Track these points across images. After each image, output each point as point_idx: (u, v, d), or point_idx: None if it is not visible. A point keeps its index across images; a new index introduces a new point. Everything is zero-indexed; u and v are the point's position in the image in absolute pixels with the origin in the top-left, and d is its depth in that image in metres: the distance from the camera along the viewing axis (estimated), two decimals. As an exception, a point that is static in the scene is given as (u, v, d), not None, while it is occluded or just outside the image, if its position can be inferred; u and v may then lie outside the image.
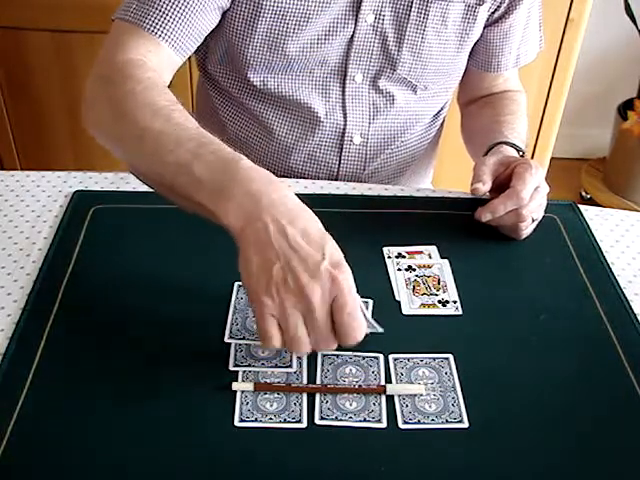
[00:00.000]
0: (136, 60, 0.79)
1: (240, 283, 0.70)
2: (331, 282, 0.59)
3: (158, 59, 0.82)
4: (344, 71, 0.94)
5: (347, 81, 0.95)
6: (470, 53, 1.01)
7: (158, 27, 0.82)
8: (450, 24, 0.92)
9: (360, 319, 0.60)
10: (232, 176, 0.61)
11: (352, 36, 0.91)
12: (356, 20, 0.90)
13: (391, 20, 0.91)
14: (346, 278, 0.59)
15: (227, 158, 0.63)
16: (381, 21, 0.90)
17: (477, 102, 1.08)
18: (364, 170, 1.02)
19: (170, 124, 0.68)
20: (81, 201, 0.85)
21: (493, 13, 0.96)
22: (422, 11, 0.90)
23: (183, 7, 0.83)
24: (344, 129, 0.98)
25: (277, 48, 0.90)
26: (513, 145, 0.92)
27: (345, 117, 0.97)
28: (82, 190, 0.87)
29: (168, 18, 0.82)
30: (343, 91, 0.96)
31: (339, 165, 1.01)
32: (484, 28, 0.98)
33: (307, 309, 0.58)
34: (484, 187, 0.81)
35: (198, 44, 0.88)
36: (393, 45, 0.92)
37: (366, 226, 0.85)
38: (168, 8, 0.82)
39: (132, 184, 0.88)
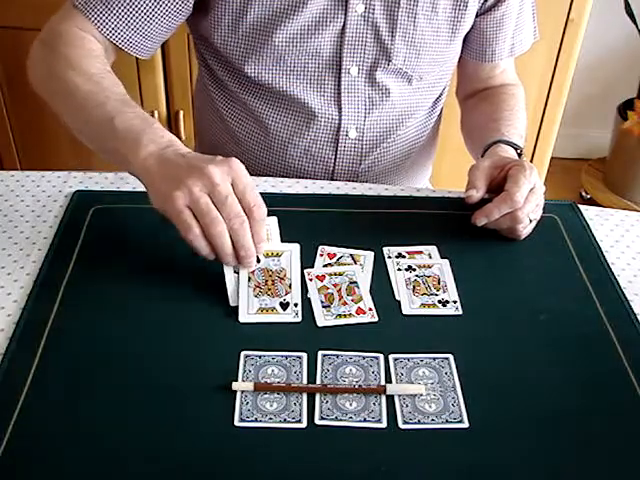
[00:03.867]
0: (79, 33, 0.86)
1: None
2: (227, 165, 0.68)
3: (100, 40, 0.88)
4: (339, 64, 0.94)
5: (342, 74, 0.95)
6: (465, 43, 1.02)
7: (101, 22, 0.87)
8: (440, 11, 0.93)
9: (257, 194, 0.69)
10: (146, 130, 0.73)
11: (343, 27, 0.91)
12: (346, 11, 0.90)
13: (382, 9, 0.91)
14: (239, 164, 0.69)
15: (144, 118, 0.75)
16: (372, 11, 0.90)
17: (475, 96, 1.08)
18: (360, 164, 1.03)
19: (100, 86, 0.79)
20: (81, 201, 0.85)
21: (485, 1, 0.96)
22: None
23: (130, 6, 0.87)
24: (339, 123, 0.98)
25: (265, 39, 0.91)
26: (510, 143, 0.92)
27: (340, 111, 0.97)
28: (82, 190, 0.87)
29: (112, 13, 0.87)
30: (338, 85, 0.96)
31: (335, 160, 1.01)
32: (477, 17, 0.98)
33: (212, 187, 0.67)
34: (477, 194, 0.82)
35: (151, 43, 0.91)
36: (386, 35, 0.92)
37: (366, 226, 0.85)
38: (116, 3, 0.86)
39: (132, 184, 0.88)
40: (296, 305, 0.72)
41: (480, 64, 1.04)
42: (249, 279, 0.74)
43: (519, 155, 0.91)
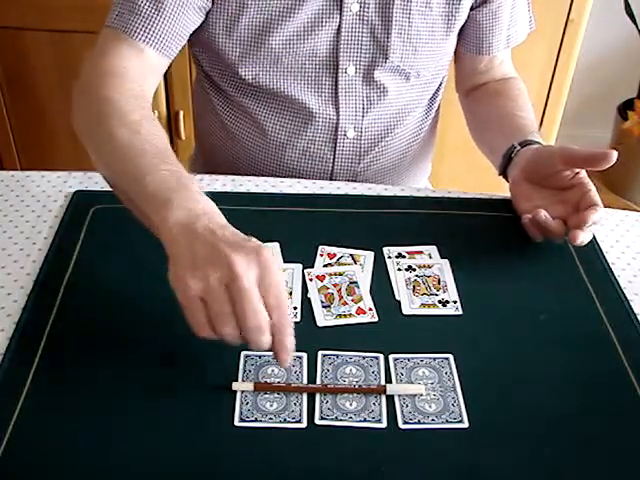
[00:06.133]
0: (118, 69, 0.82)
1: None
2: (256, 254, 0.58)
3: (141, 65, 0.85)
4: (335, 64, 0.94)
5: (339, 74, 0.95)
6: (461, 37, 1.02)
7: (140, 32, 0.85)
8: (435, 6, 0.93)
9: (284, 294, 0.59)
10: (180, 192, 0.64)
11: (339, 27, 0.91)
12: (341, 10, 0.90)
13: (376, 7, 0.91)
14: (269, 254, 0.59)
15: (179, 177, 0.66)
16: (366, 9, 0.91)
17: (479, 89, 1.08)
18: (359, 163, 1.03)
19: (137, 137, 0.71)
20: (81, 201, 0.85)
21: None
22: None
23: (163, 10, 0.85)
24: (337, 124, 0.98)
25: (262, 42, 0.91)
26: (537, 142, 0.90)
27: (338, 111, 0.97)
28: (82, 190, 0.87)
29: (149, 22, 0.85)
30: (336, 85, 0.96)
31: (334, 160, 1.01)
32: (472, 10, 0.98)
33: (231, 278, 0.57)
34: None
35: (182, 45, 0.90)
36: (382, 32, 0.92)
37: (366, 226, 0.85)
38: (148, 12, 0.85)
39: (132, 184, 0.88)
40: (295, 308, 0.72)
41: (477, 57, 1.04)
42: None
43: None
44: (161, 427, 0.60)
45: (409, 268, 0.78)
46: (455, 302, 0.74)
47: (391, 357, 0.67)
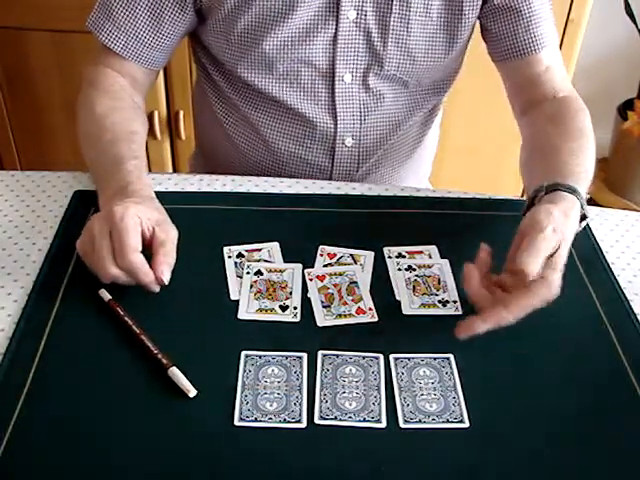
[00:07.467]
0: (107, 71, 0.92)
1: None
2: (109, 217, 0.70)
3: (127, 67, 0.93)
4: (332, 72, 0.93)
5: (336, 82, 0.94)
6: (488, 46, 0.97)
7: (111, 40, 0.91)
8: (435, 15, 0.91)
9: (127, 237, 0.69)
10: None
11: (335, 34, 0.90)
12: (337, 17, 0.89)
13: (374, 15, 0.90)
14: (123, 222, 0.69)
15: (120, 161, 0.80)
16: (364, 17, 0.89)
17: (533, 110, 0.96)
18: (357, 171, 1.02)
19: (104, 129, 0.85)
20: (81, 201, 0.85)
21: (485, 2, 0.92)
22: (404, 2, 0.89)
23: (135, 21, 0.90)
24: (335, 132, 0.98)
25: (255, 45, 0.90)
26: (569, 189, 0.76)
27: (335, 119, 0.97)
28: (82, 190, 0.87)
29: (121, 31, 0.91)
30: (332, 92, 0.95)
31: (332, 168, 1.01)
32: (484, 18, 0.94)
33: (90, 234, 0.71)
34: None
35: (164, 55, 0.95)
36: (377, 41, 0.91)
37: (366, 226, 0.85)
38: (122, 20, 0.90)
39: (132, 184, 0.88)
40: (295, 308, 0.72)
41: (517, 68, 0.96)
42: (251, 286, 0.74)
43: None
44: (161, 427, 0.60)
45: (409, 268, 0.78)
46: (455, 302, 0.74)
47: (391, 357, 0.67)
